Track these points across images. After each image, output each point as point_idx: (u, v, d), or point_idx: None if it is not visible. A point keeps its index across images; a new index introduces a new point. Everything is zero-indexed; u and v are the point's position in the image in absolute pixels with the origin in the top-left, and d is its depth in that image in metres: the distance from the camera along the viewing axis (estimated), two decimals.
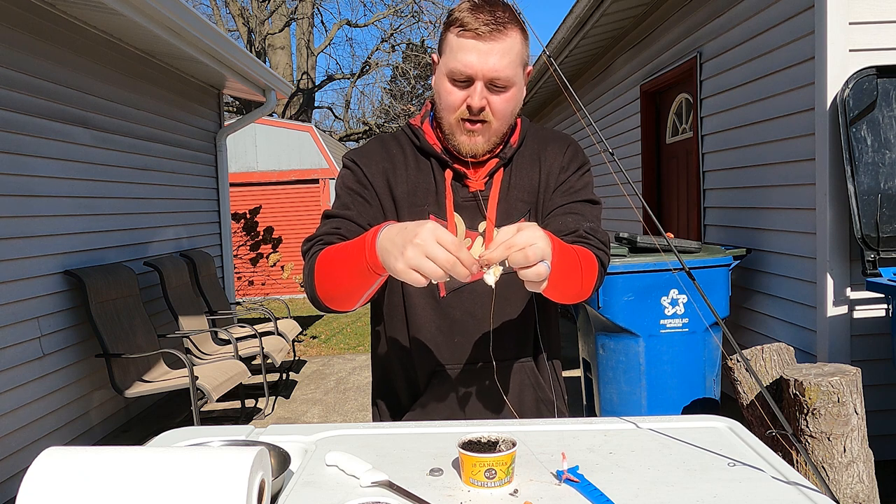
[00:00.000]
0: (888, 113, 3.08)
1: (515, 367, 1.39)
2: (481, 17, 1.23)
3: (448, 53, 1.28)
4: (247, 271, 10.13)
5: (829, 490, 1.02)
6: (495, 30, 1.23)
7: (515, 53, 1.26)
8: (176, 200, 5.74)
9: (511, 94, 1.29)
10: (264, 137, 12.03)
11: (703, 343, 3.55)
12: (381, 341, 1.45)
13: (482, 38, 1.23)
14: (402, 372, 1.42)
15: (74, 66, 4.26)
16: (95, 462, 0.89)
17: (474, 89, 1.26)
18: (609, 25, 5.81)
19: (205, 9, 18.93)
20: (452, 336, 1.35)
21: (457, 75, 1.26)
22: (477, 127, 1.30)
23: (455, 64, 1.26)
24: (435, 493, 0.98)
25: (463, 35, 1.25)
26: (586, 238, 1.30)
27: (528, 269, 1.00)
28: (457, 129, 1.31)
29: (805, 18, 3.34)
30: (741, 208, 4.19)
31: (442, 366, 1.36)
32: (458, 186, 1.35)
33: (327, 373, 6.29)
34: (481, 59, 1.23)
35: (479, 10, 1.24)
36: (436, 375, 1.37)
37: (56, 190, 3.99)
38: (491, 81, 1.25)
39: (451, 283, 1.34)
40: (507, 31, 1.24)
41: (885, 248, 3.04)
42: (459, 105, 1.28)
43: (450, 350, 1.36)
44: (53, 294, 3.92)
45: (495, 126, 1.30)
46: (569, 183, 1.38)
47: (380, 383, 1.48)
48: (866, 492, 2.56)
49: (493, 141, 1.33)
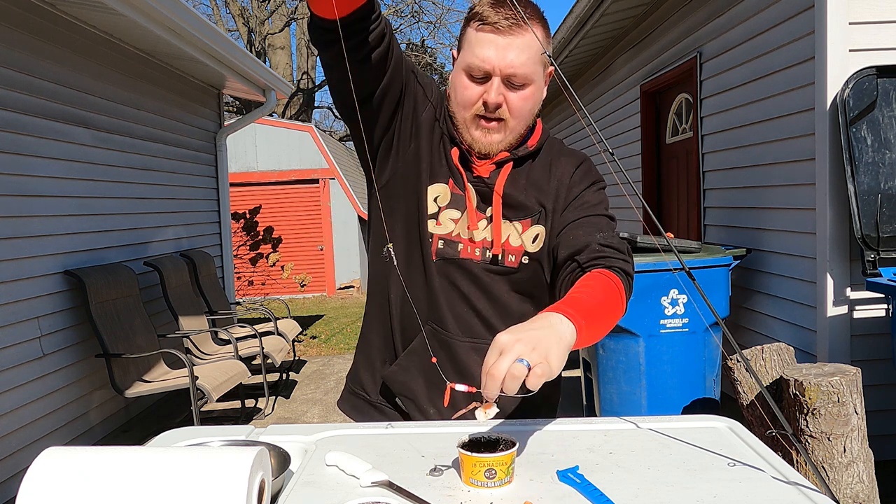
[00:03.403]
0: (888, 113, 3.08)
1: (484, 348, 1.34)
2: (502, 12, 1.20)
3: (466, 48, 1.25)
4: (247, 271, 10.14)
5: (829, 490, 1.02)
6: (515, 24, 1.20)
7: (535, 50, 1.22)
8: (176, 200, 5.74)
9: (529, 92, 1.25)
10: (264, 137, 12.04)
11: (703, 343, 3.55)
12: (366, 309, 1.44)
13: (501, 33, 1.20)
14: (381, 332, 1.39)
15: (74, 66, 4.26)
16: (95, 462, 0.89)
17: (491, 85, 1.22)
18: (609, 25, 5.81)
19: (205, 9, 18.96)
20: (436, 298, 1.32)
21: (474, 70, 1.23)
22: (493, 125, 1.26)
23: (472, 59, 1.23)
24: (435, 493, 0.98)
25: (482, 29, 1.22)
26: (602, 254, 1.22)
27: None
28: (472, 124, 1.27)
29: (805, 18, 3.34)
30: (741, 208, 4.19)
31: (420, 327, 1.32)
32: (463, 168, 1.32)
33: (327, 373, 6.29)
34: (499, 54, 1.20)
35: (500, 4, 1.21)
36: (416, 332, 1.33)
37: (56, 190, 3.99)
38: (508, 78, 1.22)
39: (444, 251, 1.31)
40: (527, 26, 1.20)
41: (885, 248, 3.04)
42: (476, 101, 1.24)
43: (428, 312, 1.32)
44: (53, 294, 3.92)
45: (512, 125, 1.27)
46: (582, 198, 1.33)
47: (359, 354, 1.47)
48: (866, 492, 2.56)
49: (510, 141, 1.29)
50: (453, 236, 1.31)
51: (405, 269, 1.33)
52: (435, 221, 1.32)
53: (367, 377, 1.44)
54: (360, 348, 1.46)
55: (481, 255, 1.32)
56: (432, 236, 1.31)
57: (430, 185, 1.32)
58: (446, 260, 1.31)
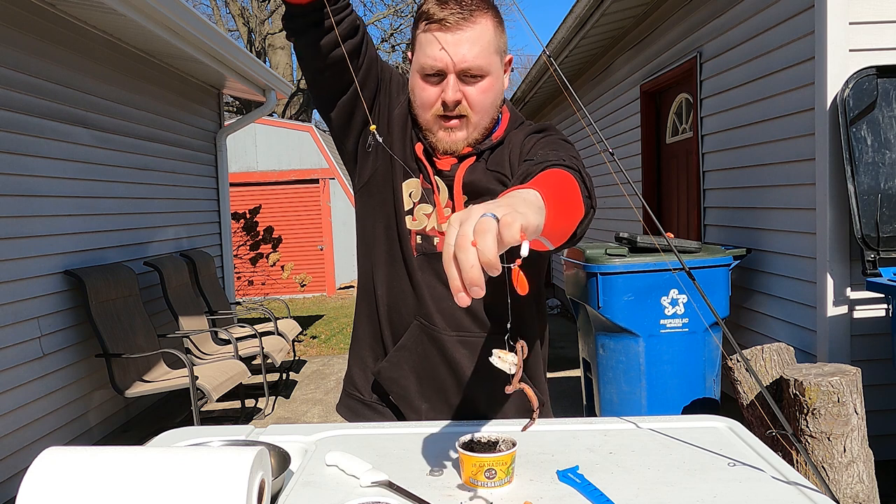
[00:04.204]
0: (888, 113, 3.08)
1: (485, 341, 1.33)
2: (448, 7, 1.18)
3: (418, 49, 1.23)
4: (247, 271, 10.13)
5: (829, 490, 1.01)
6: (463, 18, 1.18)
7: (487, 41, 1.20)
8: (176, 200, 5.74)
9: (488, 83, 1.23)
10: (264, 137, 12.04)
11: (703, 343, 3.55)
12: (356, 309, 1.44)
13: (449, 29, 1.18)
14: (370, 330, 1.40)
15: (74, 66, 4.26)
16: (95, 462, 0.89)
17: (447, 83, 1.20)
18: (609, 25, 5.81)
19: (205, 9, 18.95)
20: (421, 294, 1.32)
21: (428, 70, 1.21)
22: (455, 123, 1.24)
23: (424, 59, 1.21)
24: (435, 493, 0.98)
25: (430, 28, 1.20)
26: (557, 160, 1.11)
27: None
28: (434, 125, 1.26)
29: (805, 18, 3.34)
30: (741, 208, 4.19)
31: (407, 321, 1.33)
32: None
33: (327, 373, 6.29)
34: (451, 51, 1.18)
35: (446, 1, 1.19)
36: (405, 329, 1.34)
37: (56, 190, 3.99)
38: (463, 72, 1.20)
39: (422, 246, 1.31)
40: (475, 17, 1.19)
41: (885, 248, 3.04)
42: (434, 101, 1.23)
43: (415, 307, 1.33)
44: (53, 294, 3.92)
45: (475, 120, 1.25)
46: (532, 142, 1.28)
47: (351, 355, 1.47)
48: (866, 492, 2.56)
49: (475, 136, 1.27)
50: (428, 231, 1.32)
51: (389, 266, 1.34)
52: (411, 217, 1.32)
53: (360, 376, 1.45)
54: (352, 349, 1.47)
55: None
56: (410, 232, 1.32)
57: (404, 182, 1.32)
58: (426, 255, 1.32)
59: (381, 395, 1.42)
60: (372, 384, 1.42)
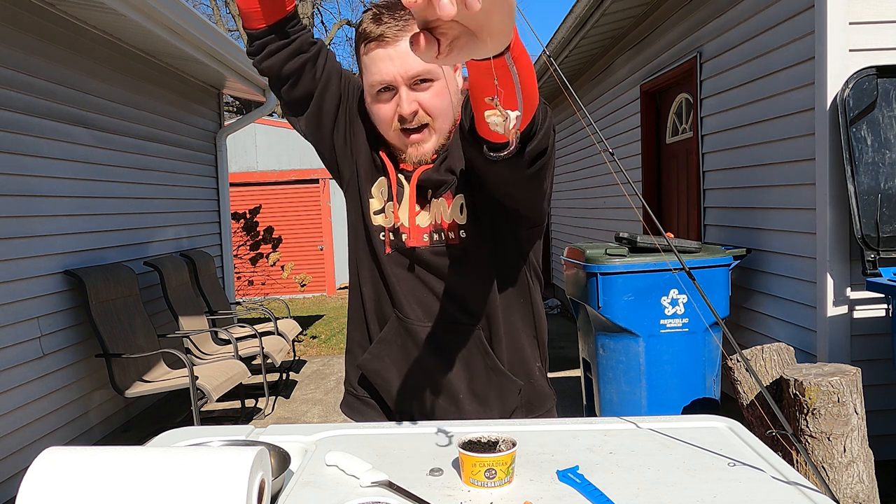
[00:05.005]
0: (888, 113, 3.08)
1: (460, 330, 1.34)
2: (383, 22, 1.19)
3: (365, 71, 1.24)
4: (247, 271, 10.13)
5: (829, 490, 1.02)
6: (400, 30, 1.18)
7: None
8: (176, 200, 5.74)
9: (440, 86, 1.23)
10: (264, 137, 12.04)
11: (703, 343, 3.55)
12: (348, 308, 1.49)
13: (389, 43, 1.19)
14: (359, 327, 1.44)
15: (74, 66, 4.26)
16: (95, 462, 0.89)
17: (400, 96, 1.21)
18: (609, 25, 5.81)
19: (205, 9, 18.93)
20: (394, 288, 1.35)
21: (378, 86, 1.22)
22: (418, 137, 1.25)
23: (372, 78, 1.22)
24: (435, 493, 0.98)
25: (370, 48, 1.21)
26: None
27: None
28: (398, 142, 1.27)
29: (805, 18, 3.34)
30: (741, 208, 4.19)
31: (389, 316, 1.37)
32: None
33: (327, 373, 6.29)
34: (395, 64, 1.19)
35: (379, 17, 1.20)
36: (387, 323, 1.37)
37: (56, 190, 3.99)
38: (413, 81, 1.20)
39: (394, 242, 1.35)
40: (412, 26, 1.18)
41: (885, 248, 3.04)
42: (392, 117, 1.23)
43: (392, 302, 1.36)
44: (53, 294, 3.92)
45: (438, 125, 1.25)
46: None
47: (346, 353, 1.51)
48: (866, 492, 2.56)
49: (441, 142, 1.28)
50: (398, 227, 1.34)
51: (369, 264, 1.39)
52: (383, 215, 1.36)
53: (353, 372, 1.48)
54: (347, 347, 1.51)
55: (429, 240, 1.33)
56: (384, 229, 1.35)
57: (376, 181, 1.36)
58: (399, 251, 1.34)
59: (368, 388, 1.45)
60: (359, 378, 1.46)
